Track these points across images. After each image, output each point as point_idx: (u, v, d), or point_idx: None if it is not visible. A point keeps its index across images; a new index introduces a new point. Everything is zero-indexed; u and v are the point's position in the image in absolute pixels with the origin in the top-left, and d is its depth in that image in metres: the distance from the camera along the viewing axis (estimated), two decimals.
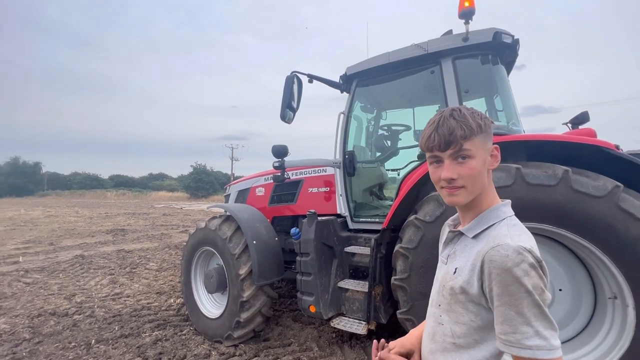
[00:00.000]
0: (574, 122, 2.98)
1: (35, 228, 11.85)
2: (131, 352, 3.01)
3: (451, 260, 0.93)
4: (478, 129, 0.84)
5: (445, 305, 0.91)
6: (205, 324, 3.32)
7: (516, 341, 0.72)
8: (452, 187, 0.86)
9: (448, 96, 2.65)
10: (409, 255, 2.29)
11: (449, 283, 0.89)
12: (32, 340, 3.29)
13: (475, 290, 0.82)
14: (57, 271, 5.94)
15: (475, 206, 0.90)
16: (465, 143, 0.83)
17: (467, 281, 0.83)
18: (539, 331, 0.71)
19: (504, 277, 0.74)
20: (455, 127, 0.83)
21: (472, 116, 0.85)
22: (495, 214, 0.87)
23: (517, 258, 0.74)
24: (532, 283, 0.72)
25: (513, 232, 0.81)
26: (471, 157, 0.84)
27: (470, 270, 0.84)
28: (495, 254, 0.77)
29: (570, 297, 2.09)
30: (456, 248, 0.94)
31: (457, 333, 0.87)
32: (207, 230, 3.35)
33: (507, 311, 0.74)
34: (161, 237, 9.90)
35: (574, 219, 1.88)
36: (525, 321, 0.72)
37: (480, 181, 0.86)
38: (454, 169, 0.84)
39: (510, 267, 0.74)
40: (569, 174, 1.89)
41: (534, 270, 0.73)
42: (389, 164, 3.75)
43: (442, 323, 0.91)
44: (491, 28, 2.54)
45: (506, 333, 0.74)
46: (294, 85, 3.00)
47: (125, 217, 16.05)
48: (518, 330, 0.72)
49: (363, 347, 3.05)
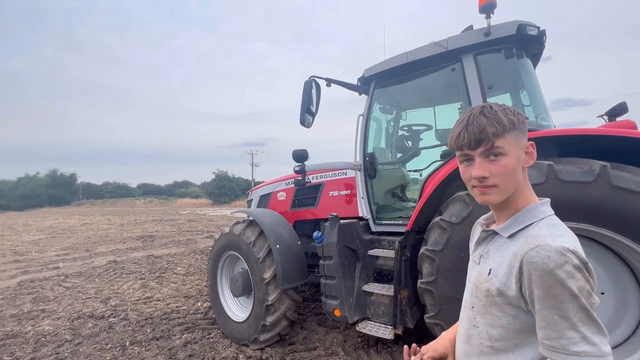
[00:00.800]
0: (610, 114, 2.80)
1: (72, 235, 12.62)
2: (163, 354, 3.12)
3: (484, 261, 0.90)
4: (511, 126, 0.81)
5: (479, 307, 0.87)
6: (232, 327, 3.39)
7: (562, 347, 0.68)
8: (483, 186, 0.83)
9: (471, 93, 2.58)
10: (435, 258, 2.23)
11: (484, 285, 0.86)
12: (73, 341, 3.49)
13: (514, 293, 0.78)
14: (93, 276, 6.29)
15: (511, 205, 0.86)
16: (497, 140, 0.80)
17: (504, 283, 0.80)
18: (586, 336, 0.67)
19: (546, 279, 0.70)
20: (486, 124, 0.80)
21: (504, 112, 0.82)
22: (533, 213, 0.84)
23: (560, 259, 0.70)
24: (578, 285, 0.68)
25: (554, 232, 0.77)
26: (504, 155, 0.81)
27: (507, 272, 0.80)
28: (536, 255, 0.73)
29: (614, 301, 1.95)
30: (489, 248, 0.91)
31: (495, 336, 0.83)
32: (231, 235, 3.42)
33: (551, 315, 0.70)
34: (187, 242, 10.24)
35: (615, 217, 1.76)
36: (571, 326, 0.68)
37: (514, 179, 0.82)
38: (486, 167, 0.82)
39: (552, 268, 0.70)
40: (607, 169, 1.78)
41: (579, 272, 0.69)
42: (411, 165, 3.68)
43: (477, 326, 0.88)
44: (514, 21, 2.45)
45: (550, 338, 0.70)
46: (312, 90, 3.03)
47: (153, 223, 16.74)
48: (564, 335, 0.68)
49: (390, 352, 2.99)
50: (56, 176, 54.21)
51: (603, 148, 2.03)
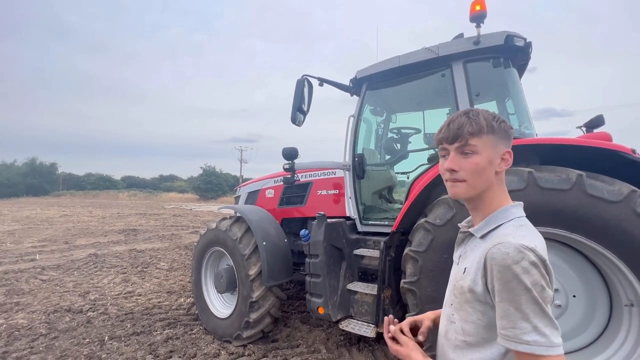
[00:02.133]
0: (588, 125, 2.93)
1: (50, 227, 12.19)
2: (143, 350, 3.07)
3: (462, 261, 0.96)
4: (488, 129, 0.87)
5: (456, 304, 0.93)
6: (215, 323, 3.37)
7: (514, 336, 0.74)
8: (454, 179, 0.90)
9: (459, 99, 2.65)
10: (418, 259, 2.28)
11: (459, 283, 0.92)
12: (48, 335, 3.39)
13: (481, 289, 0.83)
14: (72, 269, 6.10)
15: (484, 207, 0.92)
16: (471, 139, 0.87)
17: (474, 280, 0.85)
18: (537, 327, 0.72)
19: (504, 273, 0.76)
20: (465, 123, 0.87)
21: (486, 117, 0.88)
22: (504, 215, 0.89)
23: (517, 256, 0.75)
24: (532, 280, 0.73)
25: (518, 232, 0.82)
26: (476, 153, 0.87)
27: (475, 269, 0.86)
28: (497, 252, 0.79)
29: (584, 304, 2.05)
30: (467, 248, 0.97)
31: (467, 331, 0.88)
32: (217, 230, 3.40)
33: (507, 306, 0.75)
34: (171, 237, 10.06)
35: (589, 224, 1.85)
36: (524, 317, 0.73)
37: (482, 178, 0.88)
38: (457, 161, 0.89)
39: (509, 264, 0.75)
40: (583, 178, 1.87)
41: (535, 268, 0.74)
42: (399, 167, 3.74)
43: (454, 322, 0.93)
44: (503, 31, 2.53)
45: (505, 328, 0.76)
46: (304, 88, 3.04)
47: (136, 217, 16.35)
48: (517, 325, 0.73)
49: (371, 350, 3.04)
50: (35, 165, 52.12)
51: (580, 157, 2.13)
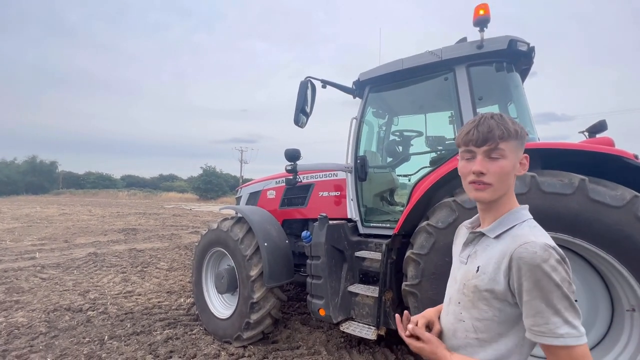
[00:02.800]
0: (591, 130, 2.94)
1: (50, 225, 12.18)
2: (143, 350, 3.06)
3: (472, 260, 0.98)
4: (515, 134, 0.90)
5: (465, 302, 0.95)
6: (215, 324, 3.36)
7: (549, 331, 0.77)
8: (479, 182, 0.91)
9: (461, 103, 2.66)
10: (420, 262, 2.28)
11: (472, 281, 0.93)
12: (48, 334, 3.38)
13: (502, 288, 0.86)
14: (71, 268, 6.10)
15: (497, 208, 0.95)
16: (501, 143, 0.89)
17: (493, 279, 0.88)
18: (568, 320, 0.77)
19: (534, 272, 0.79)
20: (494, 127, 0.90)
21: (512, 122, 0.92)
22: (516, 216, 0.93)
23: (545, 254, 0.79)
24: (561, 277, 0.78)
25: (536, 232, 0.87)
26: (503, 158, 0.90)
27: (495, 269, 0.88)
28: (524, 252, 0.81)
29: (586, 309, 2.05)
30: (477, 248, 0.98)
31: (480, 328, 0.91)
32: (219, 231, 3.40)
33: (538, 304, 0.78)
34: (171, 237, 10.05)
35: (591, 228, 1.85)
36: (556, 312, 0.77)
37: (506, 183, 0.91)
38: (486, 164, 0.90)
39: (539, 263, 0.79)
40: (585, 183, 1.87)
41: (560, 266, 0.79)
42: (400, 170, 3.75)
43: (464, 320, 0.95)
44: (506, 36, 2.54)
45: (539, 325, 0.79)
46: (307, 90, 3.05)
47: (136, 216, 16.34)
48: (550, 321, 0.77)
49: (372, 352, 3.04)
50: (35, 163, 52.16)
51: (583, 162, 2.14)
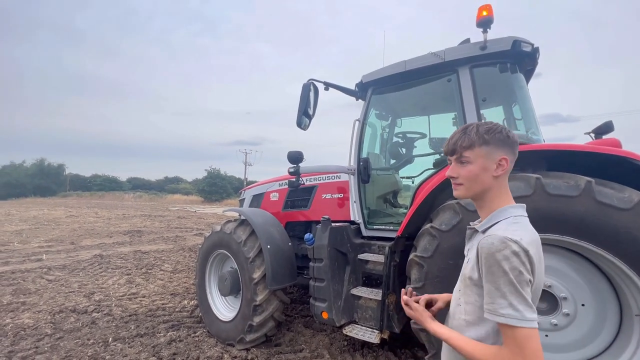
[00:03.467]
0: (597, 131, 2.90)
1: (57, 227, 12.32)
2: (146, 352, 3.07)
3: (469, 253, 1.12)
4: (480, 141, 1.03)
5: (462, 289, 1.09)
6: (218, 326, 3.36)
7: (494, 310, 0.90)
8: (454, 183, 1.11)
9: (465, 104, 2.64)
10: (424, 264, 2.26)
11: (464, 271, 1.09)
12: (53, 335, 3.41)
13: (476, 275, 0.99)
14: (77, 269, 6.15)
15: (487, 206, 1.08)
16: (464, 151, 1.05)
17: (472, 268, 1.02)
18: (512, 304, 0.87)
19: (488, 259, 0.92)
20: (459, 138, 1.06)
21: (479, 130, 1.04)
22: (503, 214, 1.03)
23: (501, 245, 0.91)
24: (510, 266, 0.88)
25: (509, 227, 0.97)
26: (469, 163, 1.05)
27: (473, 259, 1.02)
28: (485, 243, 0.95)
29: (593, 313, 2.01)
30: (473, 243, 1.11)
31: (468, 311, 1.05)
32: (222, 233, 3.41)
33: (489, 286, 0.92)
34: (176, 239, 10.11)
35: (598, 231, 1.82)
36: (501, 295, 0.89)
37: (478, 182, 1.05)
38: (456, 169, 1.09)
39: (493, 252, 0.91)
40: (592, 184, 1.84)
41: (514, 257, 0.89)
42: (404, 172, 3.73)
43: (460, 304, 1.10)
44: (510, 36, 2.52)
45: (488, 303, 0.93)
46: (310, 92, 3.05)
47: (141, 218, 16.48)
48: (495, 301, 0.90)
49: (375, 356, 3.01)
50: (43, 166, 52.87)
51: (589, 164, 2.10)
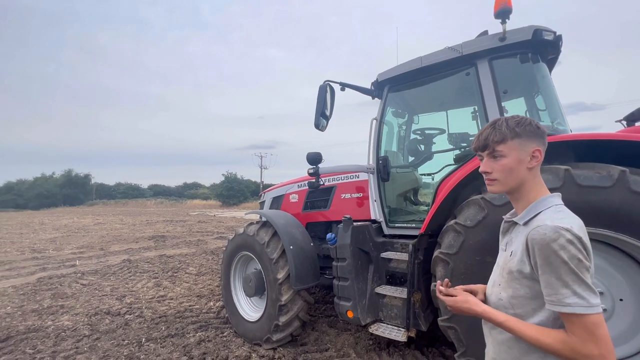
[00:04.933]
0: (629, 119, 2.77)
1: (87, 234, 12.94)
2: (178, 351, 3.19)
3: (509, 247, 1.09)
4: (512, 135, 1.02)
5: (504, 283, 1.07)
6: (245, 326, 3.44)
7: (558, 300, 0.88)
8: (488, 179, 1.08)
9: (485, 98, 2.59)
10: (449, 261, 2.24)
11: (507, 265, 1.05)
12: (91, 336, 3.59)
13: (528, 267, 0.97)
14: (108, 274, 6.45)
15: (524, 198, 1.06)
16: (497, 146, 1.04)
17: (521, 260, 0.99)
18: (576, 292, 0.86)
19: (544, 251, 0.90)
20: (490, 133, 1.06)
21: (509, 124, 1.03)
22: (543, 204, 1.02)
23: (554, 235, 0.89)
24: (569, 255, 0.87)
25: (556, 216, 0.95)
26: (503, 156, 1.04)
27: (521, 252, 0.99)
28: (535, 234, 0.93)
29: (633, 308, 1.92)
30: (512, 236, 1.10)
31: (516, 305, 1.02)
32: (245, 235, 3.49)
33: (549, 277, 0.90)
34: (198, 243, 10.39)
35: (634, 222, 1.75)
36: (564, 284, 0.87)
37: (512, 176, 1.03)
38: (489, 164, 1.07)
39: (548, 242, 0.89)
40: (626, 174, 1.77)
41: (570, 245, 0.87)
42: (423, 169, 3.69)
43: (502, 299, 1.07)
44: (530, 26, 2.45)
45: (550, 295, 0.90)
46: (326, 94, 3.08)
47: (164, 224, 17.03)
48: (559, 292, 0.88)
49: (402, 355, 2.99)
50: (71, 176, 55.65)
51: (622, 153, 2.02)
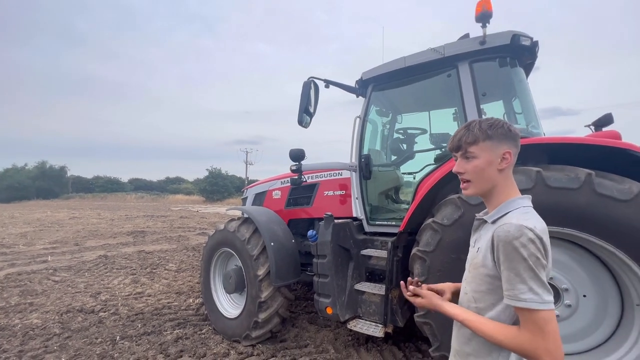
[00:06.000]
0: (597, 124, 2.90)
1: (61, 229, 12.41)
2: (154, 349, 3.12)
3: (477, 243, 1.14)
4: (483, 136, 1.05)
5: (469, 278, 1.12)
6: (224, 323, 3.40)
7: (514, 295, 0.93)
8: (462, 180, 1.12)
9: (465, 99, 2.65)
10: (426, 259, 2.29)
11: (474, 261, 1.10)
12: (62, 335, 3.46)
13: (490, 263, 1.02)
14: (82, 270, 6.21)
15: (494, 198, 1.09)
16: (469, 147, 1.07)
17: (485, 256, 1.04)
18: (532, 288, 0.90)
19: (506, 247, 0.94)
20: (463, 134, 1.08)
21: (482, 126, 1.06)
22: (512, 205, 1.05)
23: (517, 233, 0.93)
24: (528, 252, 0.91)
25: (521, 217, 0.98)
26: (475, 158, 1.07)
27: (485, 248, 1.04)
28: (501, 231, 0.97)
29: (595, 304, 2.03)
30: (481, 233, 1.14)
31: (477, 299, 1.07)
32: (226, 232, 3.44)
33: (508, 273, 0.94)
34: (179, 239, 10.16)
35: (598, 223, 1.84)
36: (522, 280, 0.91)
37: (485, 177, 1.07)
38: (462, 165, 1.11)
39: (511, 240, 0.93)
40: (592, 177, 1.86)
41: (531, 243, 0.92)
42: (405, 168, 3.75)
43: (467, 293, 1.13)
44: (509, 31, 2.52)
45: (507, 290, 0.95)
46: (311, 90, 3.06)
47: (144, 219, 16.56)
48: (515, 287, 0.92)
49: (380, 350, 3.05)
50: (45, 168, 53.03)
51: (590, 157, 2.12)
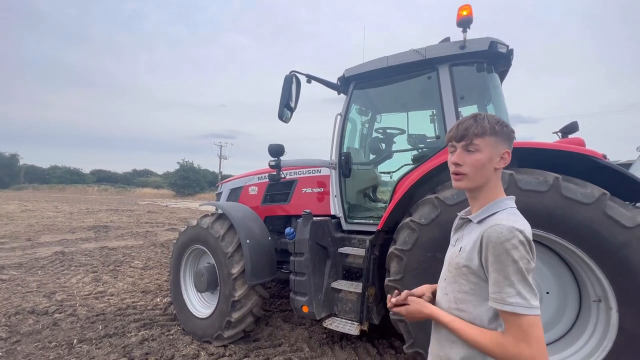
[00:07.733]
0: (564, 131, 3.09)
1: (11, 222, 11.33)
2: (116, 352, 2.91)
3: (459, 243, 1.10)
4: (491, 131, 1.00)
5: (450, 278, 1.08)
6: (194, 323, 3.26)
7: (501, 299, 0.89)
8: (457, 172, 1.04)
9: (444, 102, 2.71)
10: (403, 257, 2.31)
11: (455, 260, 1.06)
12: (9, 339, 3.14)
13: (476, 264, 0.98)
14: (35, 268, 5.70)
15: (482, 197, 1.05)
16: (475, 139, 1.00)
17: (470, 257, 1.00)
18: (520, 292, 0.87)
19: (497, 248, 0.91)
20: (471, 125, 1.01)
21: (490, 120, 1.01)
22: (499, 205, 1.02)
23: (509, 235, 0.90)
24: (519, 255, 0.88)
25: (510, 218, 0.96)
26: (478, 151, 1.01)
27: (471, 248, 1.00)
28: (492, 232, 0.94)
29: (556, 300, 2.16)
30: (464, 232, 1.11)
31: (460, 299, 1.04)
32: (198, 228, 3.29)
33: (497, 275, 0.91)
34: (146, 234, 9.65)
35: (563, 224, 1.95)
36: (510, 284, 0.88)
37: (482, 173, 1.01)
38: (462, 157, 1.03)
39: (502, 241, 0.90)
40: (559, 181, 1.96)
41: (522, 246, 0.89)
42: (383, 167, 3.79)
43: (447, 293, 1.09)
44: (487, 37, 2.61)
45: (495, 292, 0.91)
46: (292, 85, 3.00)
47: (107, 213, 15.57)
48: (503, 290, 0.89)
49: (354, 347, 3.06)
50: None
51: (556, 162, 2.24)
